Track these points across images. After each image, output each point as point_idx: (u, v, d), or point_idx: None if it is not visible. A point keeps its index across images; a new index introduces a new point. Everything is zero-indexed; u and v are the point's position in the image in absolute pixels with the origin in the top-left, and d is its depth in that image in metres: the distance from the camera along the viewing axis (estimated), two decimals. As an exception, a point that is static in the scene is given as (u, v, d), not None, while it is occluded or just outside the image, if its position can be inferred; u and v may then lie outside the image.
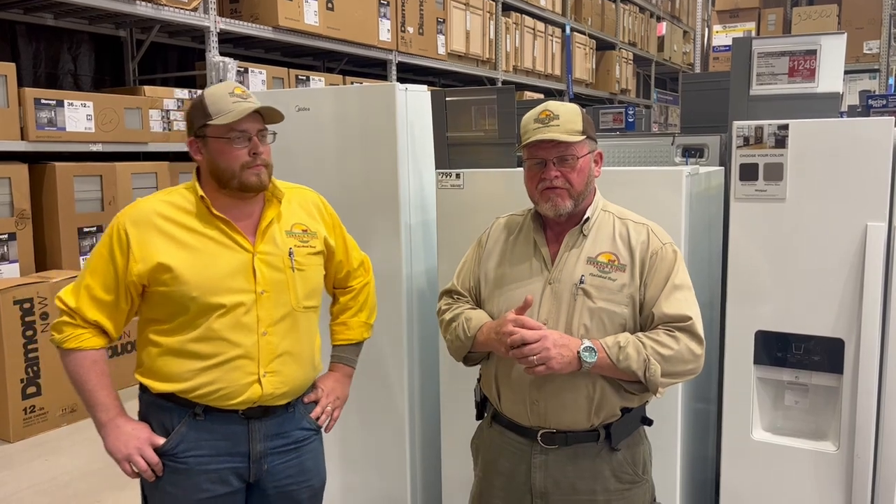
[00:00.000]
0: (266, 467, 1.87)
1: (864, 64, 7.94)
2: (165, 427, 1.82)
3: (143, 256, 1.76)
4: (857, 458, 2.16)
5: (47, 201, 4.64)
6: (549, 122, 1.73)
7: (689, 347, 1.68)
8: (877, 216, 2.10)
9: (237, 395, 1.80)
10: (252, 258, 1.82)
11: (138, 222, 1.78)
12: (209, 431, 1.81)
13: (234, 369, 1.79)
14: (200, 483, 1.80)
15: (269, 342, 1.83)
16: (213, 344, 1.77)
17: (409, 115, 2.67)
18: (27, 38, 5.37)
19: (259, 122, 1.81)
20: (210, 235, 1.80)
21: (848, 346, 2.16)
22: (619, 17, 11.69)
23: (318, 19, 6.03)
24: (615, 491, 1.78)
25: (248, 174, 1.78)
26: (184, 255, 1.76)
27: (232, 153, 1.77)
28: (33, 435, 4.16)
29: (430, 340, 2.75)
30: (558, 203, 1.74)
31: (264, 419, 1.86)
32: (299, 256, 1.89)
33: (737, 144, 2.23)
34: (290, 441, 1.91)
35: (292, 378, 1.88)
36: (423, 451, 2.83)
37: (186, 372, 1.78)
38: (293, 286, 1.87)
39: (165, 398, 1.81)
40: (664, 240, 1.78)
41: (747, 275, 2.26)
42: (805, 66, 2.49)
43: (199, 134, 1.80)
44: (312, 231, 1.95)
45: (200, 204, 1.81)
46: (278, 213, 1.89)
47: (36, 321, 4.19)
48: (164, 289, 1.76)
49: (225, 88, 1.80)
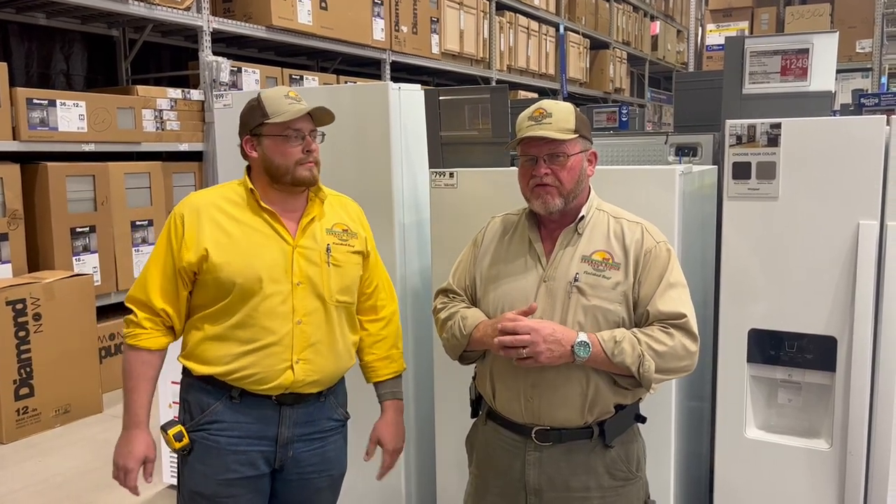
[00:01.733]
0: (291, 453, 1.95)
1: (856, 63, 7.98)
2: (203, 408, 1.92)
3: (194, 244, 1.88)
4: (850, 455, 2.17)
5: (40, 201, 4.62)
6: (541, 121, 1.75)
7: (684, 344, 1.70)
8: (869, 214, 2.11)
9: (271, 380, 1.89)
10: (292, 251, 1.92)
11: (193, 212, 1.92)
12: (243, 414, 1.91)
13: (270, 355, 1.89)
14: (229, 463, 1.90)
15: (302, 331, 1.92)
16: (252, 330, 1.88)
17: (402, 115, 2.67)
18: (19, 37, 5.35)
19: (311, 123, 1.95)
20: (256, 226, 1.92)
21: (840, 344, 2.17)
22: (612, 17, 11.71)
23: (311, 19, 6.02)
24: (609, 488, 1.78)
25: (302, 169, 1.91)
26: (230, 243, 1.89)
27: (287, 150, 1.90)
28: (26, 436, 4.15)
29: (425, 340, 2.75)
30: (548, 201, 1.75)
31: (296, 406, 1.94)
32: (336, 253, 1.99)
33: (730, 143, 2.24)
34: (317, 430, 2.00)
35: (323, 367, 1.96)
36: (418, 450, 2.83)
37: (225, 356, 1.88)
38: (327, 280, 1.96)
39: (205, 381, 1.91)
40: (658, 238, 1.79)
41: (740, 273, 2.27)
42: (797, 64, 2.50)
43: (256, 132, 1.92)
44: (353, 232, 2.05)
45: (250, 197, 1.94)
46: (321, 211, 2.00)
47: (28, 322, 4.18)
48: (210, 276, 1.88)
49: (280, 91, 1.94)
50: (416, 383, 2.78)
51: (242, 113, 1.96)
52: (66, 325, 4.36)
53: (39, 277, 4.35)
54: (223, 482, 1.90)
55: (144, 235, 5.11)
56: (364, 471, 2.84)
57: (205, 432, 1.90)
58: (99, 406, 4.51)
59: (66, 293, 4.37)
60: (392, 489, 2.80)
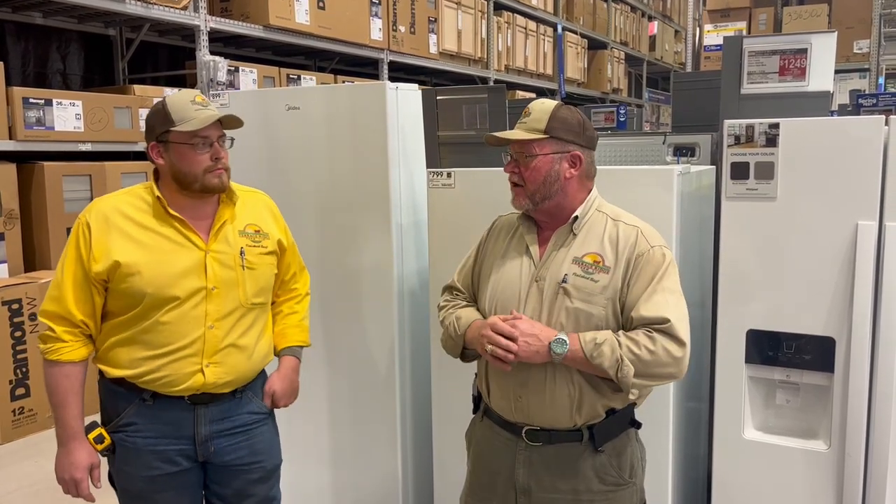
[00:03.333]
0: (213, 448, 1.98)
1: (854, 63, 7.98)
2: (118, 411, 1.94)
3: (102, 255, 1.86)
4: (848, 456, 2.17)
5: (36, 201, 4.61)
6: (521, 120, 1.80)
7: (668, 349, 1.65)
8: (867, 215, 2.10)
9: (181, 383, 1.90)
10: (205, 256, 1.92)
11: (100, 220, 1.89)
12: (156, 415, 1.93)
13: (179, 359, 1.90)
14: (150, 461, 1.92)
15: (214, 335, 1.93)
16: (161, 335, 1.88)
17: (400, 115, 2.66)
18: (15, 36, 5.33)
19: (219, 129, 1.93)
20: (165, 234, 1.90)
21: (839, 345, 2.17)
22: (610, 17, 11.70)
23: (309, 18, 6.01)
24: (598, 492, 1.77)
25: (211, 177, 1.90)
26: (140, 253, 1.87)
27: (195, 158, 1.88)
28: (22, 436, 4.13)
29: (422, 339, 2.74)
30: (516, 201, 1.81)
31: (210, 405, 1.96)
32: (250, 255, 1.99)
33: (728, 143, 2.23)
34: (237, 424, 2.01)
35: (236, 368, 1.97)
36: (415, 449, 2.82)
37: (135, 360, 1.89)
38: (242, 283, 1.97)
39: (117, 384, 1.93)
40: (653, 242, 1.76)
41: (738, 274, 2.26)
42: (795, 64, 2.49)
43: (162, 139, 1.90)
44: (265, 232, 2.06)
45: (157, 204, 1.91)
46: (232, 213, 2.00)
47: (24, 322, 4.16)
48: (120, 286, 1.86)
49: (186, 96, 1.90)
50: (413, 382, 2.78)
51: (147, 117, 1.94)
52: (62, 326, 4.33)
53: (35, 277, 4.33)
54: (146, 479, 1.93)
55: (141, 235, 5.09)
56: (361, 469, 2.84)
57: (123, 434, 1.93)
58: (95, 406, 4.48)
59: (63, 293, 4.35)
60: (389, 486, 2.79)
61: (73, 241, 1.89)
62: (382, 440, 2.78)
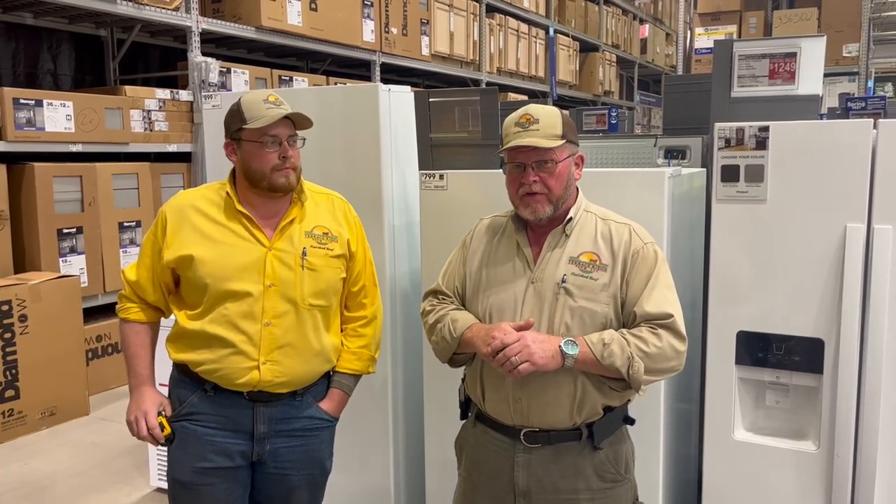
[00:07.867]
0: (269, 447, 1.99)
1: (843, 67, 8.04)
2: (182, 400, 2.00)
3: (173, 244, 1.94)
4: (837, 457, 2.18)
5: (26, 202, 4.59)
6: (528, 127, 1.73)
7: (672, 344, 1.70)
8: (856, 217, 2.12)
9: (237, 378, 1.93)
10: (266, 253, 1.94)
11: (176, 212, 1.98)
12: (217, 407, 1.96)
13: (236, 353, 1.92)
14: (206, 453, 1.95)
15: (271, 332, 1.94)
16: (221, 328, 1.92)
17: (392, 116, 2.66)
18: (6, 36, 5.30)
19: (290, 128, 1.95)
20: (232, 229, 1.95)
21: (828, 347, 2.18)
22: (602, 20, 11.74)
23: (301, 20, 6.01)
24: (598, 490, 1.79)
25: (278, 176, 1.92)
26: (205, 245, 1.93)
27: (263, 156, 1.91)
28: (12, 439, 4.11)
29: (414, 341, 2.75)
30: (538, 209, 1.75)
31: (269, 404, 1.97)
32: (312, 257, 1.99)
33: (718, 146, 2.25)
34: (298, 427, 2.02)
35: (292, 369, 1.97)
36: (407, 452, 2.82)
37: (195, 350, 1.95)
38: (300, 283, 1.97)
39: (183, 372, 2.00)
40: (646, 239, 1.79)
41: (729, 276, 2.28)
42: (785, 68, 2.51)
43: (235, 137, 1.94)
44: (334, 234, 2.04)
45: (228, 199, 1.96)
46: (302, 213, 2.01)
47: (14, 323, 4.14)
48: (187, 273, 1.94)
49: (260, 95, 1.93)
50: (405, 384, 2.78)
51: (226, 116, 1.98)
52: (52, 327, 4.32)
53: (25, 279, 4.31)
54: (199, 470, 1.95)
55: (132, 236, 5.08)
56: (353, 471, 2.84)
57: (185, 421, 1.98)
58: (86, 408, 4.47)
59: (53, 295, 4.34)
60: (380, 489, 2.79)
61: (152, 229, 2.00)
62: (374, 441, 2.77)
